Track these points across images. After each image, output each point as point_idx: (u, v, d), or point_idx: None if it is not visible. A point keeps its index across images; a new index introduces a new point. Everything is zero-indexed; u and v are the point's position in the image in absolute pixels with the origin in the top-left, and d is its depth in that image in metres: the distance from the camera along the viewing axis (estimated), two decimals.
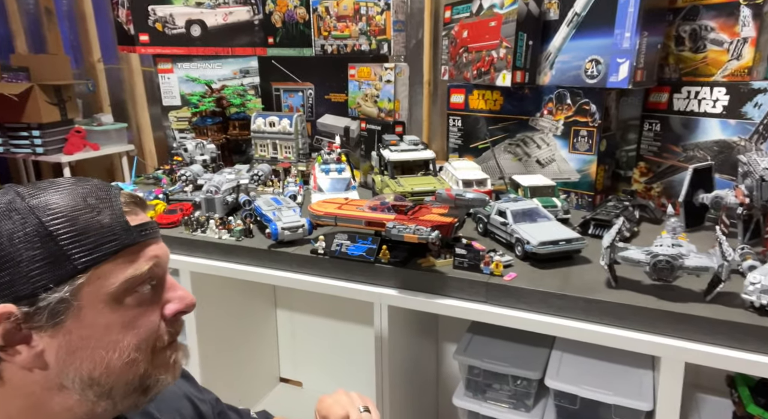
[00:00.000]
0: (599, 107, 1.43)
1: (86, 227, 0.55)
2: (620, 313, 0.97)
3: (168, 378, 0.61)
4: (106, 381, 0.56)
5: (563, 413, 1.16)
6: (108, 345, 0.56)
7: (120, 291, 0.56)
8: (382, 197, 1.24)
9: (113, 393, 0.57)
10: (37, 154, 3.03)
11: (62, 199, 0.56)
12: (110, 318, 0.56)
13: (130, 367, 0.57)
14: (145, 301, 0.59)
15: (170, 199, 1.55)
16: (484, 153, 1.65)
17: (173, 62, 2.01)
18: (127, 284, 0.56)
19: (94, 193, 0.58)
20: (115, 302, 0.56)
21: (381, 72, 1.64)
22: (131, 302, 0.57)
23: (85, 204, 0.56)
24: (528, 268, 1.12)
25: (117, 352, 0.56)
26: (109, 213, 0.57)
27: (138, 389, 0.59)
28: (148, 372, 0.59)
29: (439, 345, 1.59)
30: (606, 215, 1.30)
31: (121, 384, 0.57)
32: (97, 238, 0.55)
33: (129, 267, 0.57)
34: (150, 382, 0.60)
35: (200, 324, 1.41)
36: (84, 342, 0.55)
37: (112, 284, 0.55)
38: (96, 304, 0.55)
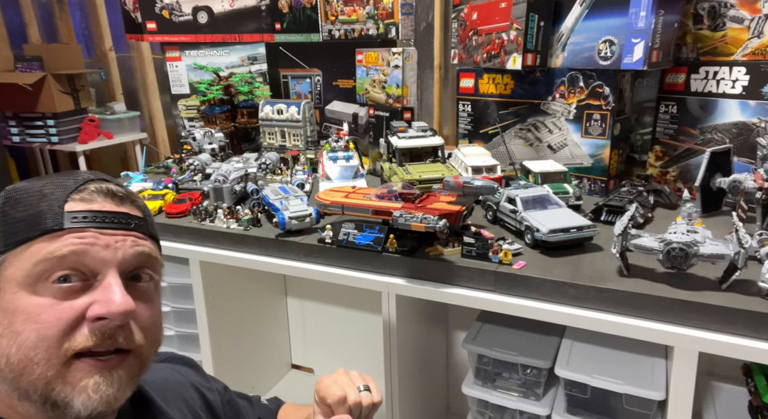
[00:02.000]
0: (613, 89, 1.39)
1: (23, 210, 0.54)
2: (632, 302, 0.95)
3: (77, 404, 0.52)
4: (10, 376, 0.52)
5: (574, 402, 1.15)
6: (10, 335, 0.51)
7: (32, 276, 0.52)
8: (389, 185, 1.22)
9: (24, 394, 0.52)
10: (52, 143, 3.06)
11: (29, 184, 0.56)
12: (18, 305, 0.52)
13: (25, 366, 0.51)
14: (62, 295, 0.52)
15: (179, 188, 1.55)
16: (495, 139, 1.62)
17: (181, 50, 2.00)
18: (37, 267, 0.52)
19: (62, 182, 0.56)
20: (27, 289, 0.52)
21: (389, 57, 1.61)
22: (46, 293, 0.52)
23: (37, 191, 0.55)
24: (538, 256, 1.10)
25: (15, 345, 0.51)
26: (51, 199, 0.55)
27: (45, 400, 0.52)
28: (52, 385, 0.52)
29: (449, 333, 1.59)
30: (619, 201, 1.27)
31: (23, 384, 0.52)
32: (25, 221, 0.53)
33: (43, 249, 0.52)
34: (56, 398, 0.52)
35: (211, 312, 1.42)
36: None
37: (24, 268, 0.52)
38: (11, 288, 0.52)
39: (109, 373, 0.54)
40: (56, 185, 0.56)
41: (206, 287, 1.39)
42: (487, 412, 1.27)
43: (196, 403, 0.77)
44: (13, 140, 3.13)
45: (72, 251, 0.53)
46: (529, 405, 1.19)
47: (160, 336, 0.61)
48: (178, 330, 1.55)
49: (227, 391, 0.88)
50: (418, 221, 1.04)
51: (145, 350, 0.57)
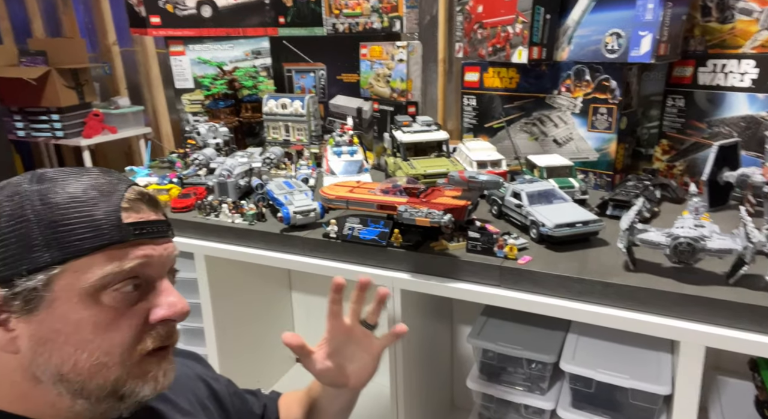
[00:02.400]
0: (620, 83, 1.37)
1: (76, 219, 0.54)
2: (639, 297, 0.95)
3: (145, 391, 0.58)
4: (75, 379, 0.55)
5: (579, 396, 1.15)
6: (78, 343, 0.54)
7: (95, 288, 0.54)
8: (394, 179, 1.22)
9: (86, 394, 0.55)
10: (57, 138, 3.07)
11: (65, 187, 0.55)
12: (83, 314, 0.54)
13: (99, 370, 0.55)
14: (126, 302, 0.56)
15: (184, 183, 1.55)
16: (499, 133, 1.61)
17: (185, 44, 2.00)
18: (104, 280, 0.54)
19: (101, 186, 0.57)
20: (90, 299, 0.54)
21: (393, 51, 1.60)
22: (109, 301, 0.55)
23: (85, 196, 0.55)
24: (543, 251, 1.10)
25: (86, 352, 0.54)
26: (105, 207, 0.55)
27: (111, 395, 0.56)
28: (123, 380, 0.56)
29: (454, 328, 1.59)
30: (625, 195, 1.26)
31: (91, 386, 0.55)
32: (83, 232, 0.54)
33: (109, 264, 0.54)
34: (125, 391, 0.56)
35: (216, 306, 1.43)
36: (54, 334, 0.54)
37: (87, 280, 0.54)
38: (70, 298, 0.54)
39: (168, 361, 0.61)
40: (101, 191, 0.57)
41: (211, 282, 1.39)
42: (492, 406, 1.27)
43: (203, 394, 0.78)
44: (18, 135, 3.14)
45: (139, 264, 0.56)
46: (534, 399, 1.19)
47: None
48: (183, 324, 1.54)
49: (232, 384, 0.89)
50: (423, 216, 1.04)
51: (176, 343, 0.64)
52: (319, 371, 0.85)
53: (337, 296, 0.86)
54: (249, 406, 0.89)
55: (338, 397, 0.91)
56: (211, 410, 0.77)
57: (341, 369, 0.86)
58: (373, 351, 0.89)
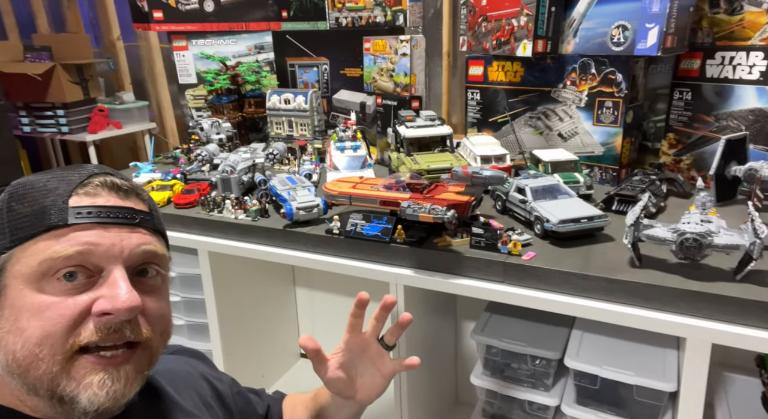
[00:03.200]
0: (626, 76, 1.36)
1: (28, 204, 0.54)
2: (644, 293, 0.94)
3: (82, 399, 0.52)
4: (17, 371, 0.52)
5: (583, 393, 1.14)
6: (16, 331, 0.51)
7: (37, 273, 0.52)
8: (397, 175, 1.21)
9: (33, 389, 0.52)
10: (62, 133, 3.08)
11: (35, 179, 0.56)
12: (25, 302, 0.52)
13: (31, 361, 0.51)
14: (67, 291, 0.52)
15: (188, 179, 1.55)
16: (504, 127, 1.60)
17: (188, 39, 1.99)
18: (43, 265, 0.52)
19: (67, 176, 0.56)
20: (33, 286, 0.52)
21: (396, 45, 1.59)
22: (51, 290, 0.52)
23: (42, 184, 0.55)
24: (548, 247, 1.09)
25: (21, 341, 0.51)
26: (56, 194, 0.54)
27: (51, 395, 0.52)
28: (58, 380, 0.52)
29: (458, 323, 1.58)
30: (631, 190, 1.25)
31: (31, 380, 0.52)
32: (30, 216, 0.53)
33: (49, 247, 0.52)
34: (62, 392, 0.52)
35: (220, 302, 1.43)
36: (4, 322, 0.52)
37: (29, 265, 0.52)
38: (17, 284, 0.52)
39: (115, 369, 0.54)
40: (60, 179, 0.56)
41: (215, 278, 1.39)
42: (495, 402, 1.27)
43: (207, 393, 0.78)
44: (24, 130, 3.14)
45: (78, 252, 0.53)
46: (539, 395, 1.19)
47: (169, 328, 0.61)
48: (187, 319, 1.56)
49: (235, 383, 0.89)
50: (426, 212, 1.03)
51: (153, 343, 0.57)
52: (329, 378, 0.84)
53: (359, 311, 0.86)
54: (252, 406, 0.88)
55: (345, 408, 0.90)
56: (214, 409, 0.77)
57: (351, 381, 0.86)
58: (385, 372, 0.89)
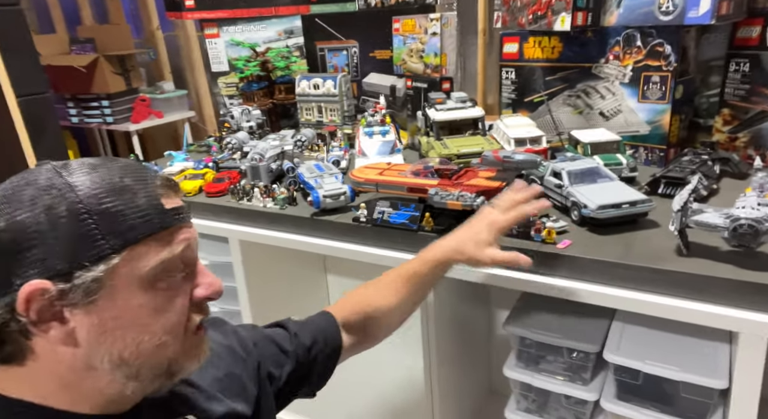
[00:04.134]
0: (675, 47, 1.25)
1: (123, 207, 0.55)
2: (692, 284, 0.87)
3: (193, 366, 0.63)
4: (135, 362, 0.57)
5: (624, 388, 1.08)
6: (140, 327, 0.56)
7: (153, 274, 0.56)
8: (425, 160, 1.17)
9: (141, 376, 0.58)
10: (107, 123, 3.18)
11: (100, 177, 0.55)
12: (142, 299, 0.56)
13: (159, 350, 0.58)
14: (176, 285, 0.59)
15: (220, 167, 1.56)
16: (540, 107, 1.51)
17: (219, 26, 1.99)
18: (161, 267, 0.56)
19: (131, 173, 0.58)
20: (148, 285, 0.56)
21: (426, 24, 1.53)
22: (163, 285, 0.57)
23: (122, 184, 0.56)
24: (585, 234, 1.03)
25: (148, 334, 0.57)
26: (144, 195, 0.57)
27: (165, 373, 0.60)
28: (176, 358, 0.60)
29: (491, 311, 1.54)
30: (679, 171, 1.16)
31: (148, 367, 0.58)
32: (134, 219, 0.55)
33: (163, 250, 0.57)
34: (176, 368, 0.60)
35: (251, 290, 1.44)
36: (116, 322, 0.55)
37: (145, 267, 0.55)
38: (129, 285, 0.55)
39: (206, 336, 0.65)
40: (135, 178, 0.58)
41: (246, 266, 1.40)
42: (530, 395, 1.22)
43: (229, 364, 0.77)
44: (72, 121, 3.27)
45: (186, 248, 0.59)
46: (576, 389, 1.13)
47: None
48: (221, 306, 1.58)
49: (256, 331, 0.88)
50: (454, 199, 0.99)
51: None
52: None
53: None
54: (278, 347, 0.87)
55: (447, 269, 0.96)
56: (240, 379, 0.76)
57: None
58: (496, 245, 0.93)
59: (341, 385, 1.68)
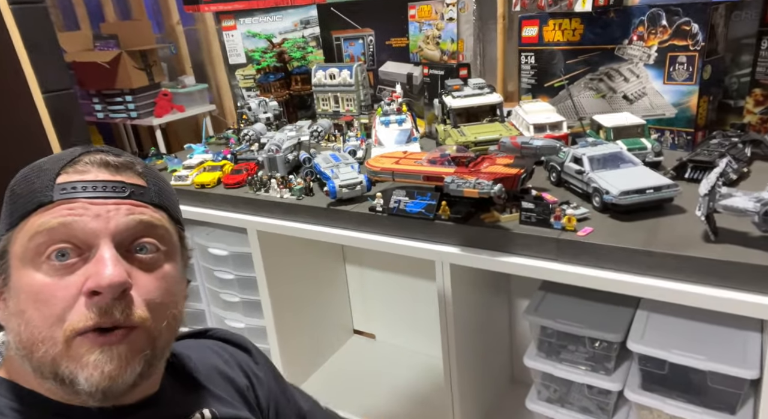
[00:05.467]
0: (703, 26, 1.20)
1: (22, 186, 0.55)
2: (720, 271, 0.84)
3: (80, 380, 0.51)
4: (23, 354, 0.52)
5: (649, 378, 1.05)
6: (18, 313, 0.52)
7: (30, 252, 0.51)
8: (442, 148, 1.15)
9: (40, 372, 0.52)
10: (131, 118, 3.23)
11: (36, 163, 0.57)
12: (22, 282, 0.52)
13: (33, 345, 0.51)
14: (60, 271, 0.51)
15: (238, 159, 1.56)
16: (561, 92, 1.47)
17: (236, 18, 1.99)
18: (32, 241, 0.51)
19: (60, 157, 0.57)
20: (29, 267, 0.52)
21: (442, 9, 1.50)
22: (46, 270, 0.51)
23: (39, 166, 0.56)
24: (608, 221, 1.00)
25: (23, 323, 0.51)
26: (45, 174, 0.54)
27: (55, 376, 0.51)
28: (58, 361, 0.51)
29: (512, 301, 1.52)
30: (707, 155, 1.12)
31: (36, 363, 0.52)
32: (24, 198, 0.54)
33: (35, 223, 0.52)
34: (63, 373, 0.51)
35: (271, 280, 1.45)
36: (10, 303, 0.53)
37: (22, 244, 0.52)
38: (17, 265, 0.53)
39: (108, 348, 0.51)
40: (55, 159, 0.56)
41: (265, 256, 1.41)
42: (552, 385, 1.21)
43: (242, 384, 0.75)
44: (98, 117, 3.33)
45: (60, 223, 0.51)
46: (599, 379, 1.11)
47: (174, 309, 0.58)
48: (242, 296, 1.60)
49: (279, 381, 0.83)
50: (471, 187, 0.97)
51: (150, 324, 0.54)
52: None
53: None
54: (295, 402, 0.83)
55: None
56: (250, 402, 0.74)
57: None
58: None
59: (360, 373, 1.70)
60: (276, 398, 0.79)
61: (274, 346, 1.52)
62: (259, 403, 0.76)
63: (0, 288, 0.55)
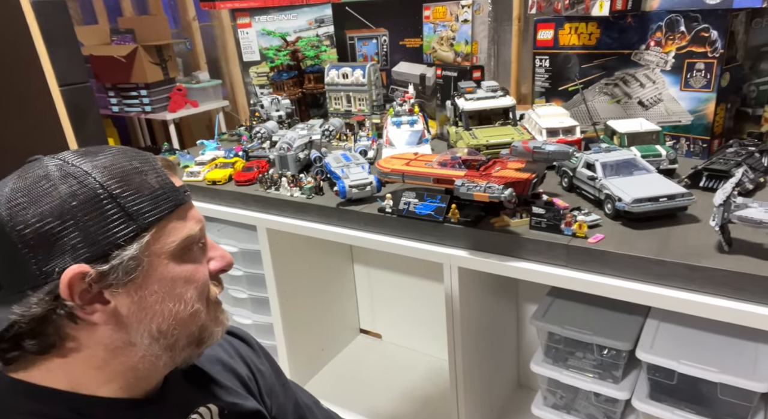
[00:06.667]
0: (722, 32, 1.18)
1: (140, 187, 0.57)
2: (733, 282, 0.83)
3: (219, 332, 0.66)
4: (173, 332, 0.60)
5: (658, 388, 1.04)
6: (175, 297, 0.59)
7: (180, 248, 0.59)
8: (453, 151, 1.15)
9: (176, 346, 0.61)
10: (146, 112, 3.26)
11: (109, 162, 0.57)
12: (174, 272, 0.59)
13: (193, 318, 0.61)
14: (197, 257, 0.63)
15: (249, 156, 1.57)
16: (575, 96, 1.46)
17: (251, 16, 2.00)
18: (186, 241, 0.60)
19: (135, 157, 0.60)
20: (178, 258, 0.60)
21: (457, 11, 1.49)
22: (188, 258, 0.61)
23: (132, 167, 0.58)
24: (619, 228, 0.99)
25: (183, 304, 0.60)
26: (155, 175, 0.59)
27: (195, 340, 0.63)
28: (206, 325, 0.63)
29: (520, 305, 1.51)
30: (723, 163, 1.10)
31: (184, 336, 0.61)
32: (154, 197, 0.58)
33: (184, 226, 0.60)
34: (205, 335, 0.64)
35: (279, 277, 1.45)
36: (154, 296, 0.58)
37: (173, 241, 0.59)
38: (162, 260, 0.58)
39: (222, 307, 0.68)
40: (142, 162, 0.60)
41: (273, 254, 1.41)
42: (558, 392, 1.20)
43: (245, 375, 0.78)
44: (113, 110, 3.36)
45: (200, 227, 0.63)
46: (606, 387, 1.10)
47: None
48: (250, 293, 1.60)
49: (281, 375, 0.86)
50: (481, 191, 0.96)
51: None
52: None
53: None
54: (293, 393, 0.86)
55: None
56: (253, 393, 0.77)
57: None
58: None
59: (365, 372, 1.70)
60: (276, 391, 0.82)
61: (281, 343, 1.53)
62: (261, 394, 0.79)
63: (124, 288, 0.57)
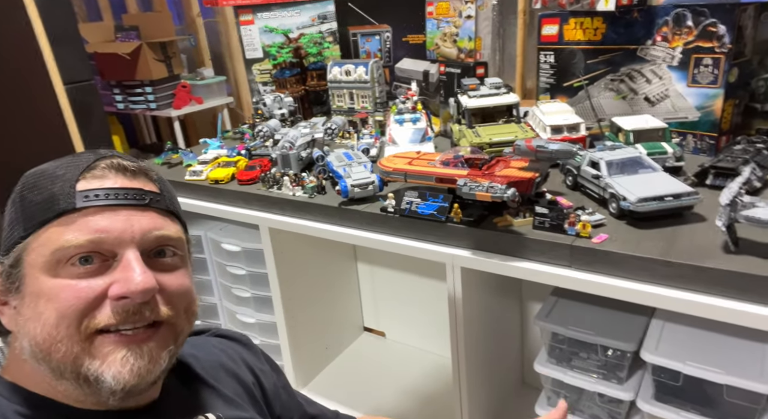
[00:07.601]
0: (730, 27, 1.16)
1: (37, 192, 0.54)
2: (740, 283, 0.82)
3: (107, 377, 0.52)
4: (40, 356, 0.52)
5: (663, 389, 1.03)
6: (35, 316, 0.52)
7: (51, 261, 0.52)
8: (456, 149, 1.14)
9: (59, 372, 0.52)
10: (151, 109, 3.26)
11: (46, 167, 0.56)
12: (41, 287, 0.52)
13: (51, 345, 0.51)
14: (83, 275, 0.53)
15: (252, 154, 1.56)
16: (580, 93, 1.44)
17: (254, 13, 1.99)
18: (57, 255, 0.52)
19: (77, 161, 0.56)
20: (50, 272, 0.52)
21: (461, 6, 1.47)
22: (67, 274, 0.52)
23: (52, 172, 0.55)
24: (623, 228, 0.98)
25: (40, 325, 0.52)
26: (63, 180, 0.54)
27: (77, 376, 0.52)
28: (80, 360, 0.52)
29: (524, 305, 1.50)
30: (731, 161, 1.08)
31: (55, 365, 0.52)
32: (40, 204, 0.53)
33: (60, 236, 0.52)
34: (86, 373, 0.52)
35: (282, 276, 1.45)
36: (25, 309, 0.53)
37: (45, 253, 0.52)
38: (34, 273, 0.53)
39: (137, 347, 0.53)
40: (68, 165, 0.56)
41: (276, 253, 1.41)
42: (562, 392, 1.19)
43: (249, 380, 0.76)
44: (118, 107, 3.37)
45: (89, 241, 0.52)
46: (610, 388, 1.09)
47: (193, 306, 0.61)
48: (253, 292, 1.60)
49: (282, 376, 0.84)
50: (483, 190, 0.95)
51: (176, 320, 0.57)
52: None
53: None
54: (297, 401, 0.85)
55: None
56: (257, 399, 0.75)
57: None
58: None
59: (369, 370, 1.69)
60: (279, 392, 0.81)
61: (285, 342, 1.53)
62: (266, 397, 0.77)
63: (11, 296, 0.55)
